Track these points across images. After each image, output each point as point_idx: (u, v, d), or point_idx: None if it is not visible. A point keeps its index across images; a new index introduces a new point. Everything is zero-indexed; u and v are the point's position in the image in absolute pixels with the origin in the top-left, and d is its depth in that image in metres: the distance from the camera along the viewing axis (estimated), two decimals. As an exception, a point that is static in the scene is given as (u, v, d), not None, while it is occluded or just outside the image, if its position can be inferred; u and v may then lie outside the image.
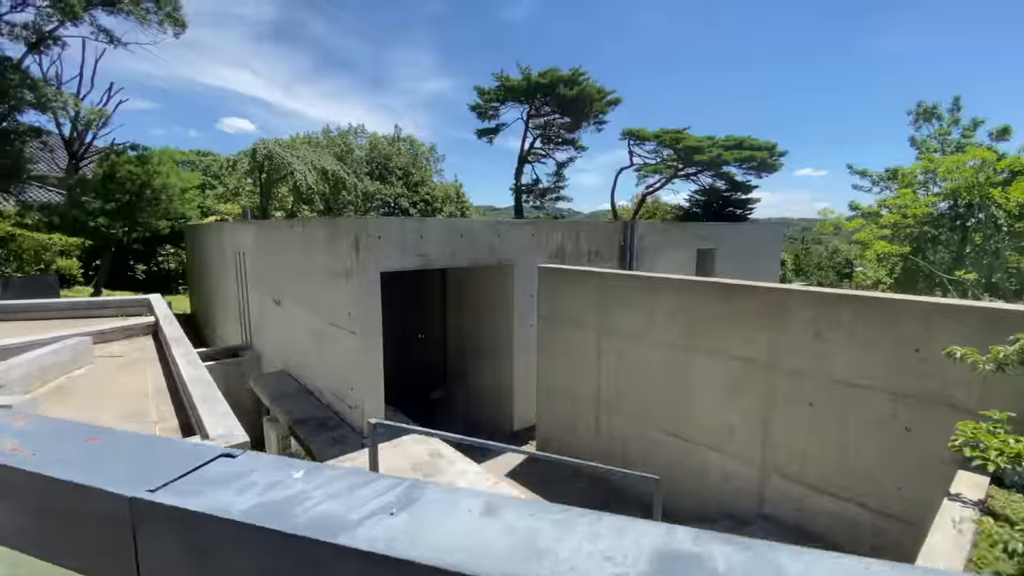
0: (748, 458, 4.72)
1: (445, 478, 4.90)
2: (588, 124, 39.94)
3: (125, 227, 16.48)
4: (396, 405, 7.04)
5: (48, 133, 16.29)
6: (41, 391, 6.87)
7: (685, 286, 5.10)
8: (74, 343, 7.80)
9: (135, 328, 10.01)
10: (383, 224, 5.73)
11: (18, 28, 13.99)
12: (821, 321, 4.15)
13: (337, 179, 23.44)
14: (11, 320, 10.99)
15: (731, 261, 13.27)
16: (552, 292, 6.52)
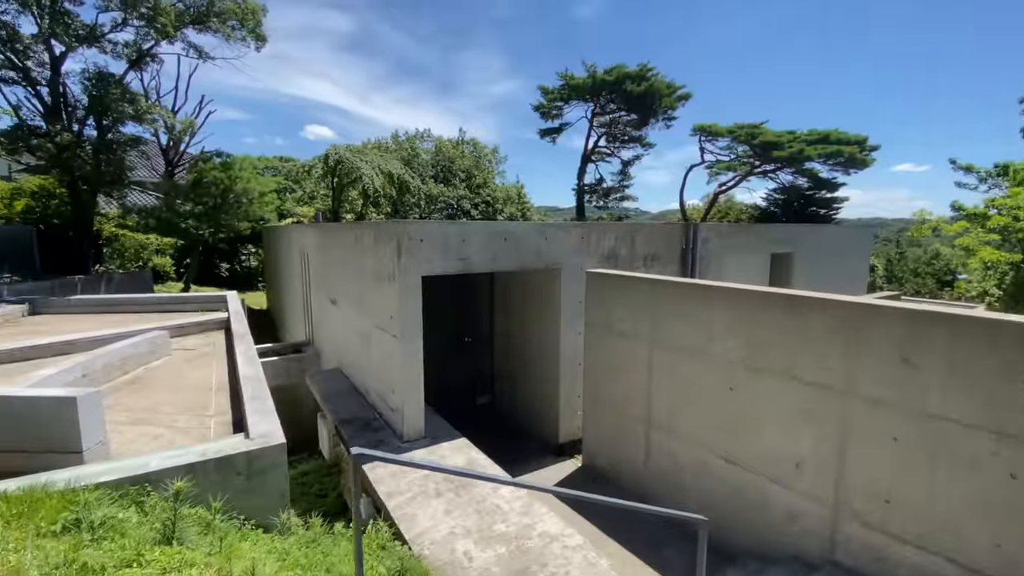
0: (818, 497, 4.12)
1: (478, 491, 4.70)
2: (656, 121, 38.52)
3: (211, 228, 17.84)
4: (442, 407, 6.95)
5: (147, 142, 17.98)
6: (121, 380, 7.45)
7: (745, 296, 4.56)
8: (152, 336, 8.42)
9: (209, 323, 10.71)
10: (425, 228, 5.63)
11: (120, 46, 15.53)
12: (910, 343, 3.51)
13: (402, 182, 24.13)
14: (109, 312, 12.16)
15: (812, 267, 12.12)
16: (600, 299, 6.15)
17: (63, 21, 14.29)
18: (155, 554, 2.97)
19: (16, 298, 12.19)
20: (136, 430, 5.64)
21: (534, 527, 4.16)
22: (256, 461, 4.25)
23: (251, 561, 2.88)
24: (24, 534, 2.94)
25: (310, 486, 6.96)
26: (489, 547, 3.90)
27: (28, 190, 17.09)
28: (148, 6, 15.11)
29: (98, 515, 3.17)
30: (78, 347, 8.03)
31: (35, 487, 3.40)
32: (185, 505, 3.73)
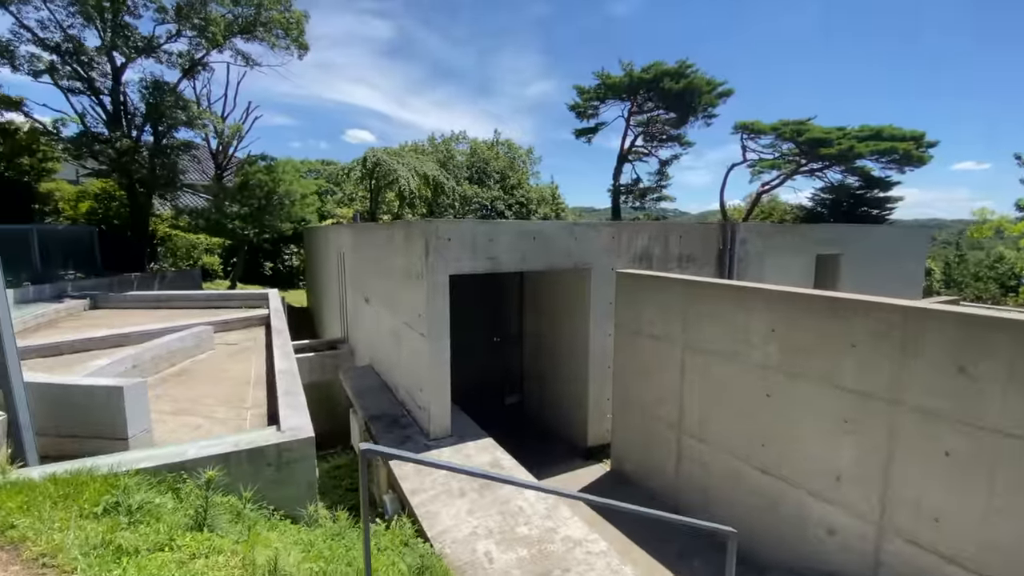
0: (860, 512, 3.87)
1: (502, 492, 4.67)
2: (695, 119, 37.55)
3: (256, 228, 18.58)
4: (470, 407, 6.97)
5: (198, 147, 18.89)
6: (168, 372, 7.83)
7: (783, 298, 4.34)
8: (198, 331, 8.81)
9: (251, 319, 11.13)
10: (453, 227, 5.65)
11: (174, 56, 16.39)
12: (967, 351, 3.24)
13: (437, 184, 24.44)
14: (161, 308, 12.82)
15: (861, 269, 11.49)
16: (630, 300, 6.01)
17: (123, 34, 15.21)
18: (186, 539, 3.08)
19: (79, 294, 13.05)
20: (178, 420, 5.91)
21: (557, 531, 4.09)
22: (286, 453, 4.37)
23: (274, 551, 2.94)
24: (68, 515, 3.11)
25: (341, 479, 7.10)
26: (511, 549, 3.86)
27: (92, 193, 18.27)
28: (200, 17, 15.89)
29: (136, 499, 3.32)
30: (131, 340, 8.50)
31: (81, 471, 3.60)
32: (218, 494, 3.86)
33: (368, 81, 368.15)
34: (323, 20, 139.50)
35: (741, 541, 4.84)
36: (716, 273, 8.05)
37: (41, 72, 14.93)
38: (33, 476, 3.56)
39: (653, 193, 43.45)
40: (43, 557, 2.75)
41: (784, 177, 33.84)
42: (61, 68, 15.13)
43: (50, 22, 14.61)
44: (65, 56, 15.00)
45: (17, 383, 4.42)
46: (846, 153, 29.61)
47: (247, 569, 2.82)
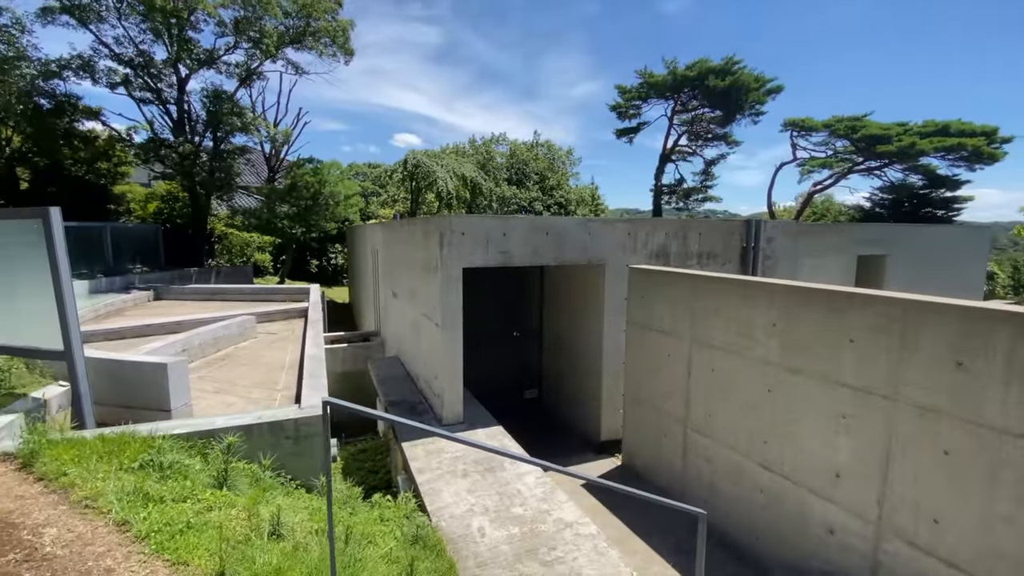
0: (858, 512, 3.80)
1: (503, 475, 4.85)
2: (742, 117, 36.39)
3: (303, 228, 19.61)
4: (489, 399, 7.19)
5: (252, 151, 20.15)
6: (213, 356, 8.50)
7: (784, 292, 4.30)
8: (242, 320, 9.50)
9: (291, 311, 11.83)
10: (467, 222, 5.90)
11: (232, 67, 17.58)
12: (965, 345, 3.15)
13: (475, 184, 24.90)
14: (214, 300, 13.81)
15: (910, 271, 10.91)
16: (642, 295, 6.05)
17: (187, 47, 16.49)
18: (206, 495, 3.46)
19: (145, 286, 14.27)
20: (217, 398, 6.46)
21: (551, 513, 4.23)
22: (303, 427, 4.73)
23: (277, 508, 3.26)
24: (110, 467, 3.56)
25: (364, 462, 7.49)
26: (503, 527, 4.04)
27: (159, 194, 19.87)
28: (255, 30, 17.01)
29: (168, 459, 3.74)
30: (183, 327, 9.27)
31: (124, 432, 4.08)
32: (240, 460, 4.27)
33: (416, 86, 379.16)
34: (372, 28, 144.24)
35: (743, 538, 4.83)
36: (739, 271, 7.90)
37: (117, 84, 16.42)
38: (86, 435, 4.06)
39: (698, 193, 42.38)
40: (86, 500, 3.19)
41: (838, 176, 32.20)
42: (134, 80, 16.59)
43: (124, 38, 16.06)
44: (137, 69, 16.44)
45: (79, 358, 5.02)
46: (907, 150, 27.86)
47: (252, 521, 3.15)
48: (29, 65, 15.25)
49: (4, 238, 5.64)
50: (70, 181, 17.05)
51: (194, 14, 15.97)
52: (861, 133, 28.76)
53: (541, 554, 3.70)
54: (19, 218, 5.27)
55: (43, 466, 3.57)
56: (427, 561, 3.49)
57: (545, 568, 3.55)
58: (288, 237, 20.00)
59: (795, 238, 8.87)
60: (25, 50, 15.16)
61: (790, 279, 9.01)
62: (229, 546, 2.83)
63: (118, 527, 2.98)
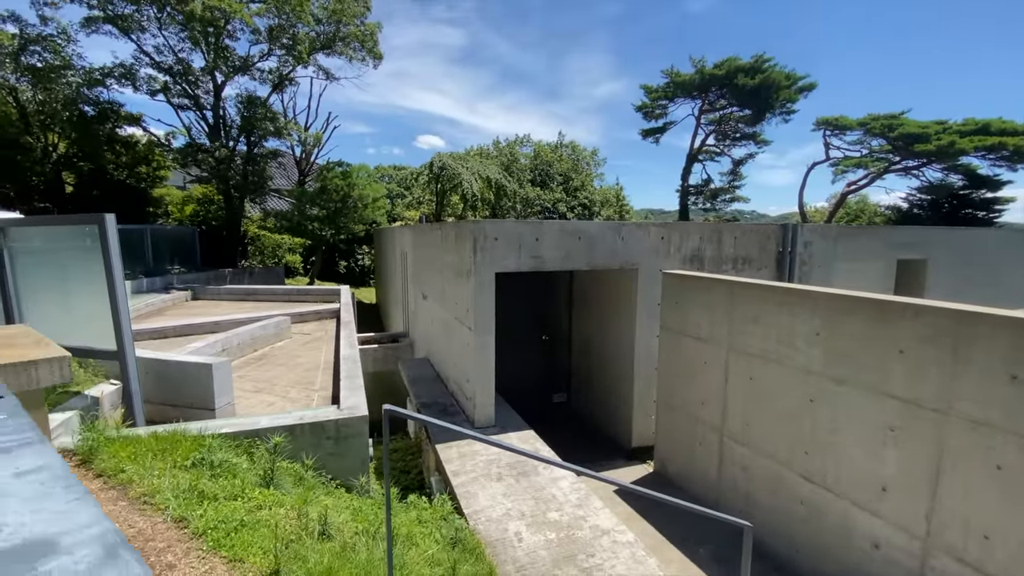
0: (905, 526, 3.70)
1: (537, 480, 4.88)
2: (772, 115, 35.69)
3: (332, 230, 20.00)
4: (519, 402, 7.24)
5: (284, 154, 20.66)
6: (251, 356, 8.74)
7: (828, 300, 4.21)
8: (277, 321, 9.75)
9: (324, 312, 12.08)
10: (499, 226, 5.95)
11: (265, 73, 18.05)
12: (1020, 358, 3.05)
13: (499, 186, 25.00)
14: (248, 300, 14.20)
15: (953, 276, 10.54)
16: (676, 300, 6.00)
17: (224, 55, 17.01)
18: (255, 493, 3.59)
19: (183, 286, 14.78)
20: (257, 397, 6.66)
21: (587, 519, 4.24)
22: (343, 428, 4.85)
23: (324, 507, 3.36)
24: (165, 465, 3.72)
25: (396, 462, 7.61)
26: (540, 532, 4.07)
27: (195, 197, 20.54)
28: (288, 37, 17.44)
29: (218, 457, 3.88)
30: (221, 327, 9.57)
31: (176, 431, 4.25)
32: (284, 460, 4.41)
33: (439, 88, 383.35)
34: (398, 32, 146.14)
35: (782, 549, 4.75)
36: (775, 276, 7.76)
37: (157, 91, 17.06)
38: (140, 433, 4.25)
39: (725, 194, 41.69)
40: (144, 496, 3.34)
41: (873, 176, 31.20)
42: (173, 87, 17.20)
43: (164, 47, 16.67)
44: (176, 76, 17.04)
45: (131, 358, 5.24)
46: (946, 149, 26.85)
47: (301, 520, 3.25)
48: (74, 73, 15.96)
49: (58, 243, 5.93)
50: (112, 185, 17.76)
51: (231, 23, 16.46)
52: (898, 132, 27.83)
53: (579, 560, 3.71)
54: (74, 224, 5.54)
55: (102, 463, 3.74)
56: (467, 565, 3.54)
57: (584, 575, 3.56)
58: (318, 239, 20.43)
59: (832, 242, 8.66)
60: (70, 59, 15.88)
61: (826, 285, 8.82)
62: (282, 545, 2.94)
63: (176, 524, 3.11)
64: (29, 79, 15.41)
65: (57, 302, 5.98)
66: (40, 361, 3.17)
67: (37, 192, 17.04)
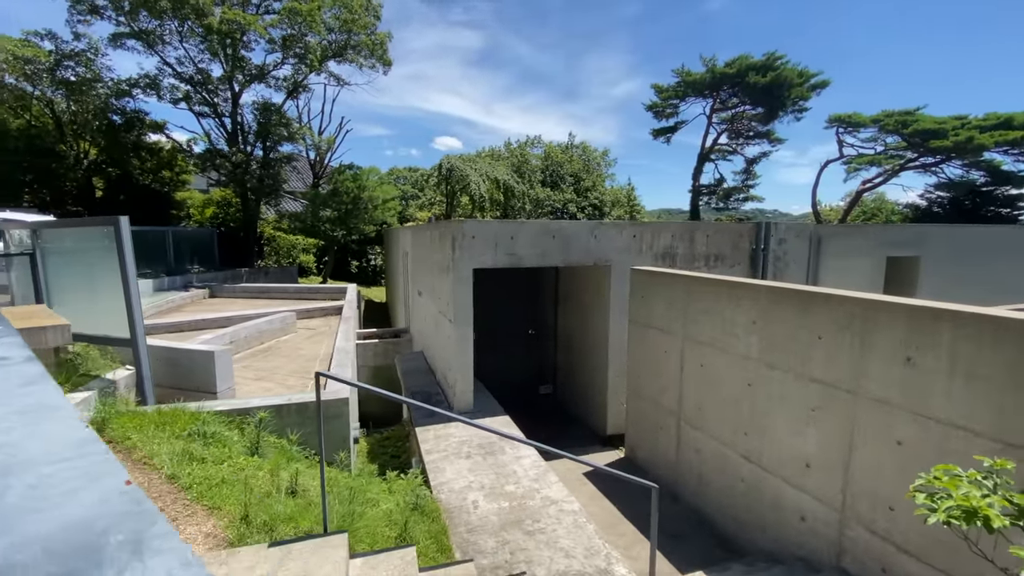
0: (825, 499, 4.02)
1: (503, 458, 5.31)
2: (785, 113, 35.37)
3: (344, 230, 20.74)
4: (507, 395, 7.67)
5: (298, 158, 21.47)
6: (257, 348, 9.36)
7: (764, 292, 4.55)
8: (283, 316, 10.37)
9: (328, 309, 12.69)
10: (477, 226, 6.39)
11: (280, 80, 18.85)
12: (913, 342, 3.37)
13: (507, 187, 25.45)
14: (261, 298, 14.92)
15: (947, 273, 10.61)
16: (643, 295, 6.36)
17: (240, 64, 17.86)
18: (240, 459, 4.11)
19: (201, 284, 15.60)
20: (258, 384, 7.24)
21: (540, 491, 4.66)
22: (327, 409, 5.36)
23: (295, 471, 3.86)
24: (164, 435, 4.27)
25: (388, 448, 8.11)
26: (495, 501, 4.50)
27: (215, 200, 21.50)
28: (300, 46, 18.20)
29: (210, 430, 4.42)
30: (232, 321, 10.23)
31: (177, 408, 4.81)
32: (272, 436, 4.93)
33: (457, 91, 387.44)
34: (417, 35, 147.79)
35: (729, 526, 5.10)
36: (748, 273, 8.03)
37: (179, 100, 17.99)
38: (147, 410, 4.82)
39: (738, 193, 41.44)
40: (144, 458, 3.88)
41: (888, 174, 30.71)
42: (194, 96, 18.12)
43: (185, 58, 17.59)
44: (196, 86, 17.95)
45: (142, 346, 5.84)
46: (965, 145, 26.35)
47: (274, 480, 3.75)
48: (103, 85, 16.98)
49: (84, 243, 6.60)
50: (138, 189, 18.78)
51: (247, 34, 17.29)
52: (913, 128, 27.41)
53: (525, 525, 4.14)
54: (95, 225, 6.17)
55: (111, 432, 4.31)
56: (423, 524, 4.00)
57: (526, 536, 3.98)
58: (330, 239, 21.19)
59: (815, 240, 8.87)
60: (100, 72, 16.89)
61: (804, 282, 9.04)
62: (254, 498, 3.43)
63: (168, 480, 3.64)
64: (63, 92, 16.46)
65: (82, 295, 6.64)
66: (48, 327, 3.76)
67: (70, 197, 18.14)
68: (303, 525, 3.27)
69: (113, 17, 16.26)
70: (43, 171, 17.01)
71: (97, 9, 16.06)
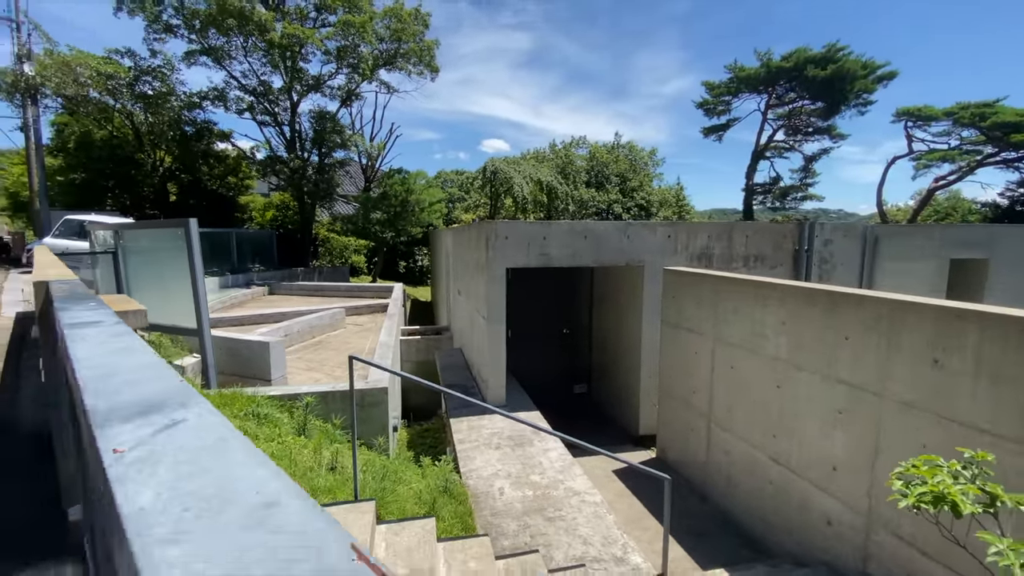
0: (852, 504, 3.97)
1: (530, 450, 5.52)
2: (847, 107, 33.56)
3: (392, 232, 21.57)
4: (541, 394, 7.87)
5: (351, 163, 22.52)
6: (309, 341, 10.00)
7: (791, 293, 4.52)
8: (332, 313, 11.02)
9: (375, 306, 13.32)
10: (510, 227, 6.63)
11: (334, 90, 19.87)
12: (940, 343, 3.30)
13: (550, 189, 25.58)
14: (315, 296, 15.80)
15: (1019, 276, 9.91)
16: (674, 295, 6.38)
17: (298, 76, 18.99)
18: (289, 439, 4.54)
19: (261, 282, 16.72)
20: (308, 374, 7.79)
21: (564, 482, 4.83)
22: (367, 397, 5.76)
23: (335, 450, 4.23)
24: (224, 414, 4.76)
25: (427, 439, 8.50)
26: (520, 489, 4.71)
27: (275, 203, 22.91)
28: (354, 56, 19.13)
29: (264, 411, 4.89)
30: (287, 316, 10.98)
31: (235, 392, 5.33)
32: (318, 419, 5.37)
33: (505, 93, 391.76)
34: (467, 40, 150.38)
35: (757, 527, 5.08)
36: (791, 274, 7.83)
37: (244, 110, 19.34)
38: (209, 393, 5.37)
39: (796, 192, 39.68)
40: (207, 434, 4.37)
41: (964, 171, 28.46)
42: (257, 106, 19.43)
43: (249, 72, 18.90)
44: (259, 96, 19.24)
45: (207, 336, 6.46)
46: (1053, 138, 24.02)
47: (317, 457, 4.13)
48: (177, 98, 18.53)
49: (158, 242, 7.35)
50: (207, 194, 20.34)
51: (304, 47, 18.37)
52: (992, 121, 25.32)
53: (547, 512, 4.32)
54: (168, 227, 6.88)
55: (181, 410, 4.85)
56: (450, 506, 4.27)
57: (547, 522, 4.17)
58: (380, 241, 22.08)
59: (871, 240, 8.52)
60: (173, 86, 18.45)
61: (856, 285, 8.67)
62: (299, 471, 3.82)
63: (227, 453, 4.09)
64: (141, 105, 18.11)
65: (156, 289, 7.40)
66: (130, 311, 4.31)
67: (147, 201, 19.90)
68: (340, 496, 3.61)
69: (185, 35, 17.74)
70: (123, 177, 18.78)
71: (171, 28, 17.57)
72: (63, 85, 16.41)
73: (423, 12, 20.29)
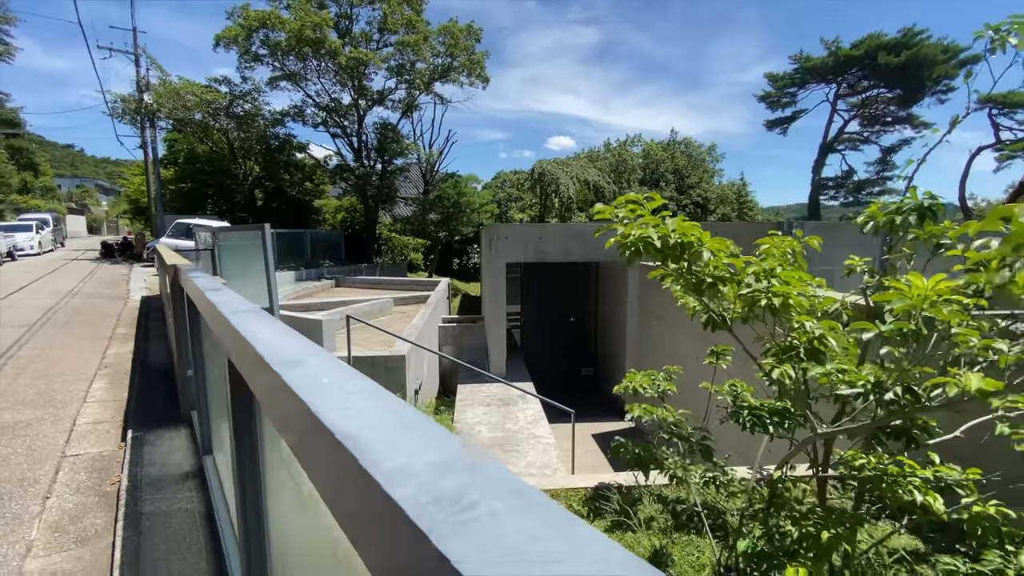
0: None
1: (514, 408, 6.85)
2: (927, 94, 31.40)
3: (446, 232, 23.53)
4: (552, 376, 9.17)
5: (410, 168, 24.74)
6: (359, 324, 11.86)
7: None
8: (382, 301, 12.92)
9: (420, 298, 15.15)
10: (510, 229, 7.97)
11: (395, 103, 22.06)
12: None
13: (597, 188, 26.43)
14: (374, 288, 17.95)
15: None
16: (645, 286, 7.42)
17: (363, 92, 21.34)
18: (324, 386, 6.20)
19: (330, 276, 19.19)
20: (356, 348, 9.59)
21: (529, 430, 6.12)
22: (389, 362, 7.36)
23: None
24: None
25: (448, 404, 10.06)
26: (493, 432, 6.07)
27: (344, 207, 25.65)
28: (411, 72, 21.18)
29: (310, 368, 6.61)
30: (345, 304, 13.00)
31: (292, 353, 7.11)
32: (351, 377, 7.03)
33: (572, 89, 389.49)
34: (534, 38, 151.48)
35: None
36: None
37: (318, 124, 22.02)
38: (275, 354, 7.19)
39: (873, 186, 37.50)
40: (269, 379, 6.12)
41: (1062, 160, 25.76)
42: (329, 120, 22.06)
43: (322, 91, 21.50)
44: (331, 112, 21.83)
45: (277, 315, 8.38)
46: None
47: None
48: (262, 117, 21.52)
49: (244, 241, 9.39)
50: (287, 199, 23.33)
51: (368, 67, 20.66)
52: (1092, 104, 22.82)
53: (507, 447, 5.65)
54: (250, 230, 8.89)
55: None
56: (435, 439, 5.71)
57: (506, 453, 5.50)
58: (435, 240, 24.15)
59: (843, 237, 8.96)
60: (260, 107, 21.44)
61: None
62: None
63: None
64: (235, 124, 21.25)
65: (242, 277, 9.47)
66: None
67: (239, 206, 23.19)
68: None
69: (270, 63, 20.62)
70: (220, 186, 22.10)
71: (259, 58, 20.50)
72: (174, 111, 19.78)
73: (475, 27, 21.96)
